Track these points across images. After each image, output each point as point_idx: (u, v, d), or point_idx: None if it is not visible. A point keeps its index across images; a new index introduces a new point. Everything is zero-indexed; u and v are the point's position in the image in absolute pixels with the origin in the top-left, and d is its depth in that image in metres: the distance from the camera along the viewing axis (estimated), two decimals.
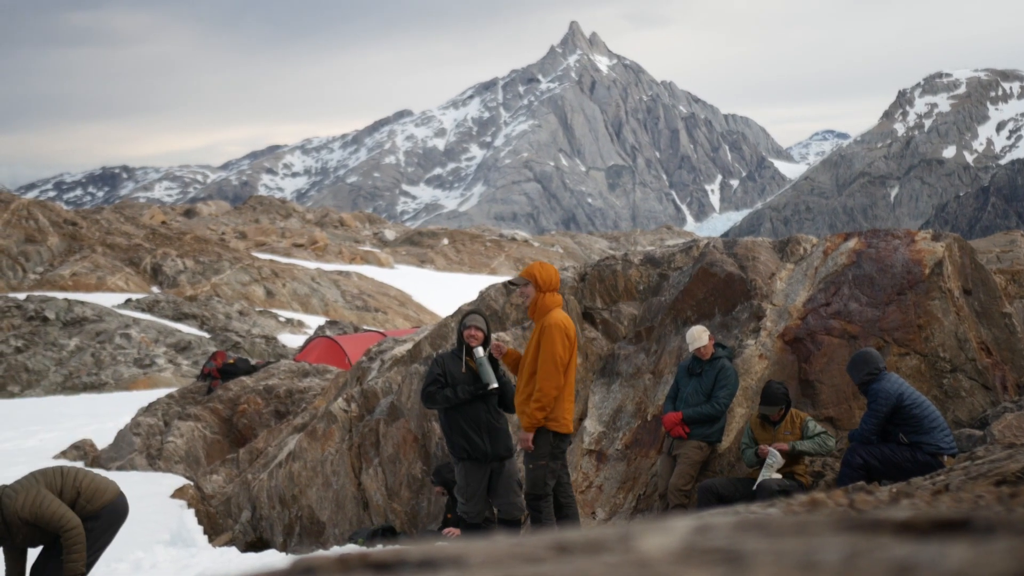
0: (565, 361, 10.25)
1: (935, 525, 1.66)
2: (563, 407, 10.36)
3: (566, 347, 10.26)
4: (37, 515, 9.49)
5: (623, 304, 14.65)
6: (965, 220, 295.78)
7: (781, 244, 14.08)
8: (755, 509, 3.96)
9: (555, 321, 10.32)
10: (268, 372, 22.30)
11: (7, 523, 9.45)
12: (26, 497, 9.50)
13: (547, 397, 10.21)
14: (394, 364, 16.73)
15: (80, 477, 10.01)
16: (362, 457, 15.54)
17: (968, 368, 11.92)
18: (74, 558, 9.62)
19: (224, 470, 18.83)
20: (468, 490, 11.06)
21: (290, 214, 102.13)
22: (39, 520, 9.48)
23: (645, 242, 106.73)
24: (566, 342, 10.26)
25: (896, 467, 10.37)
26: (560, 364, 10.20)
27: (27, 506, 9.44)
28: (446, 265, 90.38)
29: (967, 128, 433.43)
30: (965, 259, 12.87)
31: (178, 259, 62.06)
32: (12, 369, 39.30)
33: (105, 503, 10.00)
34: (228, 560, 13.27)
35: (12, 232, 57.78)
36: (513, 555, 1.63)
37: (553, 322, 10.30)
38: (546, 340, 10.26)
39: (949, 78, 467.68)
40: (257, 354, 42.32)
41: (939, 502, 4.13)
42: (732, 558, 1.51)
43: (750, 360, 12.43)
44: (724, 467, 11.94)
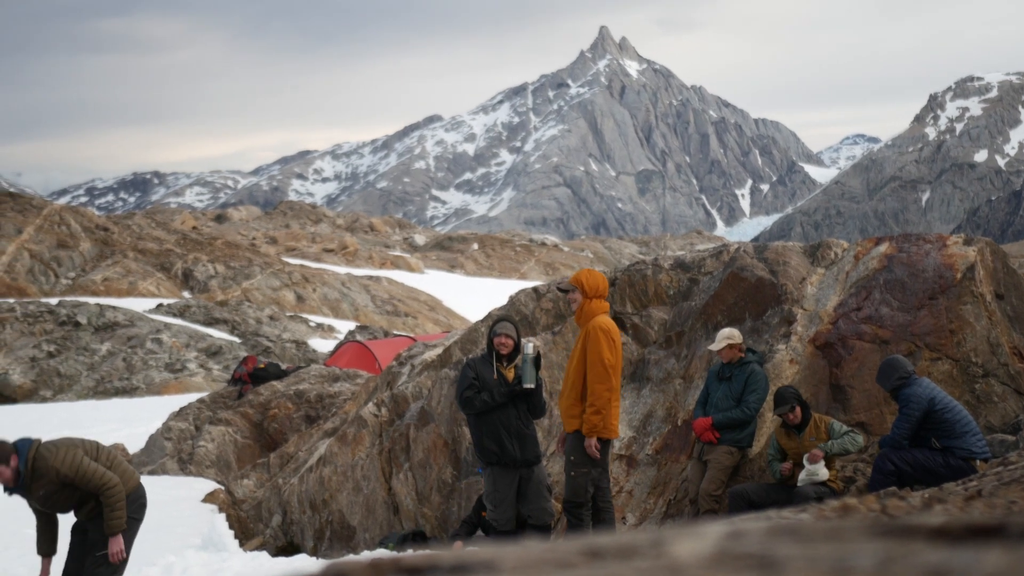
0: (612, 363, 10.31)
1: (968, 531, 1.65)
2: (611, 412, 10.41)
3: (612, 350, 10.32)
4: (77, 471, 9.51)
5: (653, 309, 14.63)
6: (997, 224, 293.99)
7: (812, 249, 14.02)
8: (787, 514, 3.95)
9: (599, 325, 10.41)
10: (299, 377, 22.36)
11: (37, 475, 9.45)
12: (66, 454, 9.54)
13: (601, 399, 10.31)
14: (424, 369, 16.75)
15: (113, 455, 10.08)
16: (392, 462, 15.56)
17: (1000, 373, 11.85)
18: (117, 515, 9.70)
19: (255, 474, 18.88)
20: (496, 496, 11.05)
21: (320, 219, 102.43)
22: (78, 476, 9.51)
23: (675, 247, 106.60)
24: (612, 345, 10.32)
25: (928, 472, 10.32)
26: (608, 366, 10.29)
27: (67, 462, 9.48)
28: (476, 270, 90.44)
29: (999, 132, 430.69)
30: (997, 263, 12.80)
31: (209, 264, 62.30)
32: (44, 374, 39.52)
33: (132, 488, 10.05)
34: (259, 565, 13.30)
35: (44, 238, 58.11)
36: (545, 560, 1.63)
37: (598, 325, 10.40)
38: (592, 344, 10.34)
39: (981, 82, 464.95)
40: (287, 359, 42.45)
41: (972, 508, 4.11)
42: (765, 563, 1.51)
43: (780, 365, 12.39)
44: (755, 472, 11.89)
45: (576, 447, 10.50)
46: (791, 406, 11.13)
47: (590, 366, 10.30)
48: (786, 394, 11.17)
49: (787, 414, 11.15)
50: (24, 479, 9.46)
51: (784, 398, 11.15)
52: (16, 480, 9.45)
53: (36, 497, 9.58)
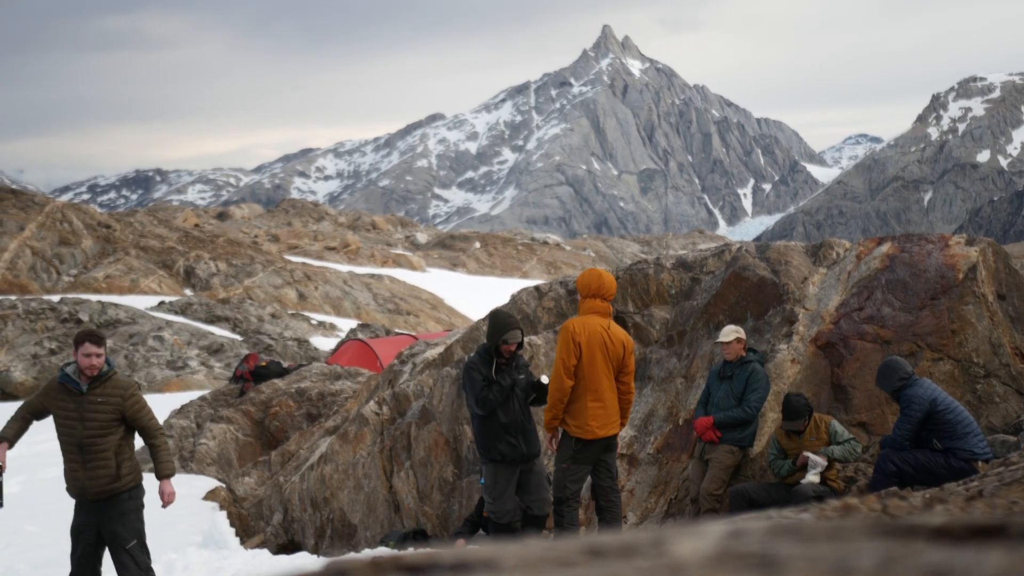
0: (569, 365, 10.30)
1: (970, 531, 1.65)
2: (585, 413, 10.39)
3: (569, 351, 10.29)
4: (142, 406, 9.91)
5: (655, 308, 14.63)
6: (999, 225, 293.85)
7: (814, 248, 14.02)
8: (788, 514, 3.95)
9: (565, 325, 10.45)
10: (300, 375, 22.38)
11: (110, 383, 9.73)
12: (138, 389, 9.94)
13: (551, 398, 10.41)
14: (426, 367, 16.76)
15: None
16: (394, 460, 15.56)
17: (1002, 373, 11.84)
18: (170, 458, 10.09)
19: (256, 472, 18.89)
20: (497, 489, 11.06)
21: (322, 217, 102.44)
22: (139, 408, 9.85)
23: (677, 246, 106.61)
24: (570, 346, 10.29)
25: (930, 473, 10.31)
26: (562, 367, 10.30)
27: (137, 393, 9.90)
28: (478, 268, 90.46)
29: (1001, 132, 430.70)
30: (999, 264, 12.79)
31: (211, 262, 62.32)
32: (46, 371, 39.50)
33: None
34: (260, 562, 13.30)
35: (46, 235, 58.13)
36: (546, 559, 1.63)
37: (564, 326, 10.45)
38: (557, 344, 10.38)
39: (983, 82, 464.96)
40: (289, 357, 42.44)
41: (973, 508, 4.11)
42: (766, 563, 1.50)
43: (782, 365, 12.38)
44: (756, 471, 11.89)
45: (560, 444, 10.58)
46: (804, 420, 11.11)
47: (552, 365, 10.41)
48: (799, 406, 11.11)
49: (800, 427, 11.13)
50: (102, 376, 9.75)
51: (797, 411, 11.09)
52: (97, 373, 9.72)
53: (90, 403, 9.69)
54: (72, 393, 9.65)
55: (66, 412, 9.68)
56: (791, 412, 11.09)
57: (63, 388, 9.68)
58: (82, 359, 9.57)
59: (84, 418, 9.66)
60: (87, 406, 9.64)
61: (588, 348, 10.35)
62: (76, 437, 9.71)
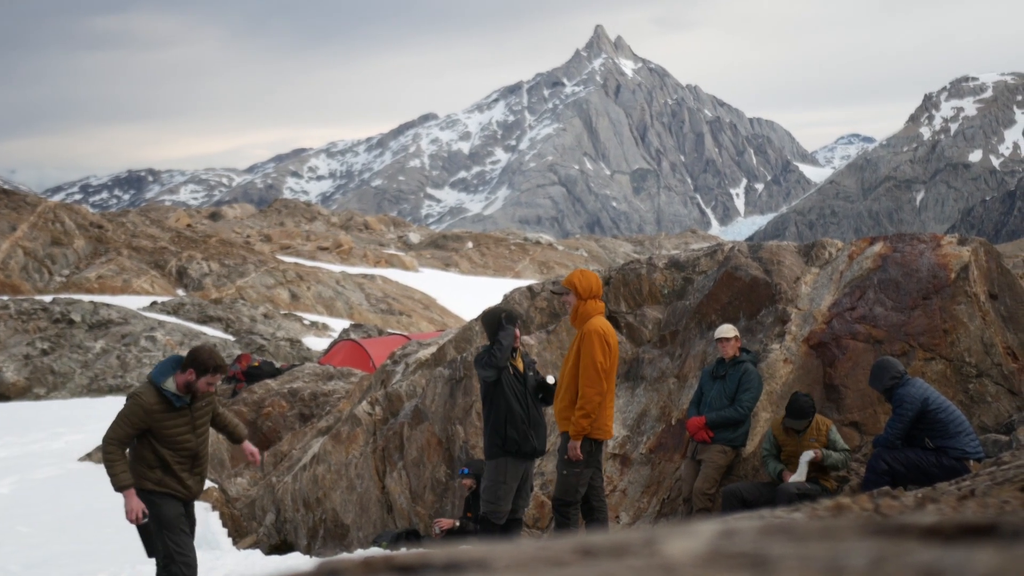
0: (606, 367, 10.27)
1: (961, 530, 1.65)
2: (605, 413, 10.39)
3: (606, 353, 10.27)
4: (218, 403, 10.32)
5: (647, 308, 14.63)
6: (991, 224, 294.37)
7: (806, 248, 14.02)
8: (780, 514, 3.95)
9: (594, 327, 10.34)
10: (293, 375, 22.37)
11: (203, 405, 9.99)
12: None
13: (591, 404, 10.25)
14: (418, 367, 16.75)
15: None
16: (386, 460, 15.55)
17: (994, 373, 11.86)
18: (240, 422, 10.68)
19: (248, 473, 18.89)
20: (504, 487, 10.90)
21: (315, 217, 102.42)
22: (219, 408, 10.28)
23: (670, 246, 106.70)
24: (606, 348, 10.28)
25: (922, 472, 10.33)
26: (601, 370, 10.22)
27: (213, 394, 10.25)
28: (470, 268, 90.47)
29: (993, 132, 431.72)
30: (991, 263, 12.81)
31: (203, 262, 62.28)
32: (38, 371, 39.48)
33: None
34: (252, 563, 13.29)
35: (38, 235, 58.07)
36: (538, 558, 1.63)
37: (592, 329, 10.33)
38: (586, 347, 10.28)
39: (975, 82, 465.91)
40: (282, 357, 42.42)
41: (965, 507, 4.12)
42: (758, 562, 1.51)
43: (775, 364, 12.39)
44: (748, 471, 11.90)
45: (568, 447, 10.50)
46: (809, 421, 11.11)
47: (583, 369, 10.24)
48: (805, 406, 11.08)
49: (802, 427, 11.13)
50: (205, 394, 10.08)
51: (803, 411, 11.06)
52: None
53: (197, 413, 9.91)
54: (178, 408, 9.75)
55: (178, 427, 9.82)
56: (797, 411, 11.07)
57: (166, 405, 9.72)
58: (203, 384, 9.72)
59: (196, 428, 9.86)
60: (197, 417, 9.85)
61: (613, 349, 10.39)
62: (192, 448, 9.91)
